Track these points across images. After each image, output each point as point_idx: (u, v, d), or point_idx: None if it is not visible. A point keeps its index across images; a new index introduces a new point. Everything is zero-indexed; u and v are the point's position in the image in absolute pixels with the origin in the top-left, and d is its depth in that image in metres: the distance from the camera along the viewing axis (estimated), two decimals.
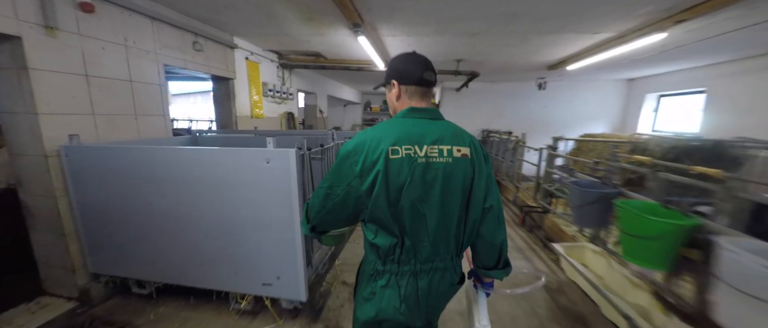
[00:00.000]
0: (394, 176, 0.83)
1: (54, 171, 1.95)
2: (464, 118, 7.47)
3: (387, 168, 0.82)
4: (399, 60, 0.98)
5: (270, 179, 1.63)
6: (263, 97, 4.38)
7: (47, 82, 1.88)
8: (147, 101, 2.56)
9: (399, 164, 0.83)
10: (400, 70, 0.96)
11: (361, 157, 0.84)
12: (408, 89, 0.95)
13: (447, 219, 0.89)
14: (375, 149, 0.84)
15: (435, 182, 0.85)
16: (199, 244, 1.86)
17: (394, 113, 1.01)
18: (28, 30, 1.78)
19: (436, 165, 0.85)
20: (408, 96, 0.96)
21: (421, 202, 0.85)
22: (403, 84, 0.95)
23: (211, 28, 3.23)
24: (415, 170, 0.84)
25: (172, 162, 1.77)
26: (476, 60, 4.64)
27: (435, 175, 0.85)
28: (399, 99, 0.98)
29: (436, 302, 0.97)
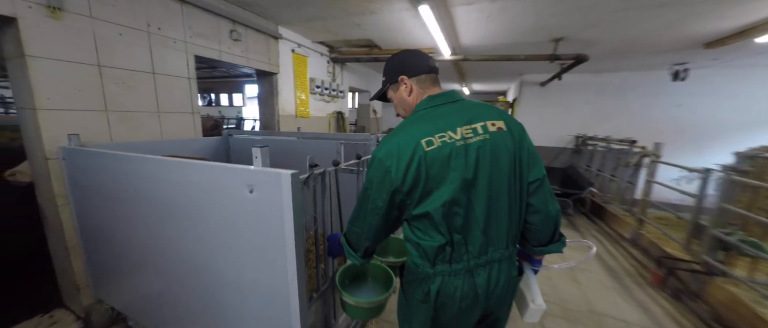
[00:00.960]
0: (435, 168, 0.78)
1: (55, 176, 1.68)
2: (550, 121, 5.92)
3: (426, 161, 0.78)
4: (399, 57, 0.96)
5: (253, 219, 0.96)
6: (310, 95, 3.95)
7: (48, 73, 1.60)
8: (173, 97, 2.25)
9: (437, 154, 0.78)
10: (405, 64, 0.94)
11: (395, 161, 0.79)
12: (419, 79, 0.93)
13: (496, 202, 0.82)
14: (407, 147, 0.79)
15: (478, 163, 0.79)
16: (175, 289, 1.32)
17: (409, 111, 0.95)
18: (26, 10, 1.50)
19: (474, 144, 0.80)
20: (421, 87, 0.93)
21: (469, 188, 0.79)
22: (414, 76, 0.92)
23: (252, 15, 2.85)
24: (456, 155, 0.79)
25: (149, 176, 1.26)
26: (585, 39, 3.33)
27: (476, 155, 0.79)
28: (411, 94, 0.94)
29: (499, 301, 0.90)
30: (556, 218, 0.91)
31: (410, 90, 0.93)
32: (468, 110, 0.85)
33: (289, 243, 0.90)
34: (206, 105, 13.79)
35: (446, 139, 0.79)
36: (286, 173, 0.85)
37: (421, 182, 0.78)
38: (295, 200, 0.86)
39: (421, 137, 0.78)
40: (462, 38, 3.42)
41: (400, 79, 0.93)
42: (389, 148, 0.80)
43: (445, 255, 0.82)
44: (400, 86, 0.94)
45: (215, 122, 7.79)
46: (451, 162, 0.78)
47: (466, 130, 0.80)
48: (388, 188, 0.79)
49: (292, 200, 0.86)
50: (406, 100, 0.94)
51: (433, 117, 0.84)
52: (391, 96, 1.00)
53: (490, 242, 0.83)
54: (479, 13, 2.69)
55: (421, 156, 0.77)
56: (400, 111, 0.99)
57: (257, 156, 0.93)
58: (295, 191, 0.86)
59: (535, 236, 0.93)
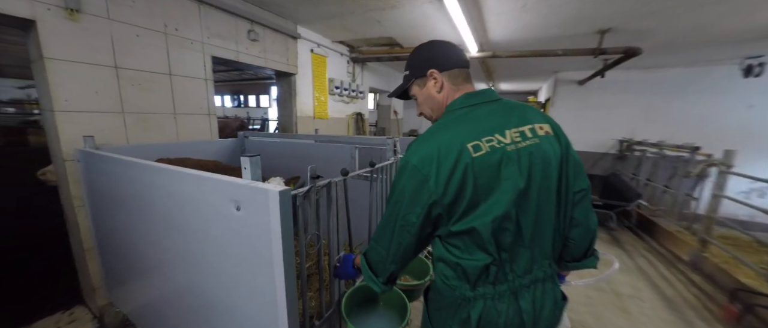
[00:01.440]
0: (483, 176, 0.68)
1: (71, 177, 1.69)
2: (589, 123, 5.37)
3: (473, 169, 0.67)
4: (428, 48, 0.85)
5: (240, 241, 0.82)
6: (329, 96, 3.86)
7: (66, 75, 1.60)
8: (190, 98, 2.23)
9: (487, 161, 0.68)
10: (436, 56, 0.83)
11: (434, 168, 0.67)
12: (452, 75, 0.82)
13: (543, 215, 0.73)
14: (450, 152, 0.67)
15: (531, 171, 0.70)
16: (173, 303, 1.23)
17: (438, 110, 0.85)
18: (45, 12, 1.51)
19: (526, 150, 0.71)
20: (453, 83, 0.82)
21: (520, 200, 0.69)
22: (446, 70, 0.81)
23: (270, 15, 2.80)
24: (507, 162, 0.69)
25: (148, 182, 1.18)
26: (636, 29, 2.90)
27: (529, 162, 0.70)
28: (442, 90, 0.82)
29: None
30: (594, 232, 0.86)
31: (441, 86, 0.82)
32: (513, 111, 0.75)
33: (278, 273, 0.75)
34: (236, 106, 14.44)
35: (495, 143, 0.69)
36: (274, 189, 0.69)
37: (467, 193, 0.67)
38: (284, 222, 0.71)
39: (466, 141, 0.68)
40: (491, 33, 3.14)
41: (430, 74, 0.82)
42: (426, 153, 0.69)
43: (489, 276, 0.72)
44: (429, 82, 0.83)
45: (241, 123, 8.05)
46: (503, 170, 0.68)
47: (515, 134, 0.71)
48: (425, 200, 0.69)
49: (281, 222, 0.70)
50: (435, 97, 0.83)
51: (474, 118, 0.74)
52: (415, 93, 0.88)
53: (535, 259, 0.74)
54: (512, 4, 2.41)
55: (468, 163, 0.67)
56: (426, 110, 0.88)
57: (246, 167, 0.78)
58: (284, 212, 0.70)
59: (570, 251, 0.86)
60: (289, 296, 0.77)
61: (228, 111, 14.51)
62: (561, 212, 0.77)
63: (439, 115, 0.84)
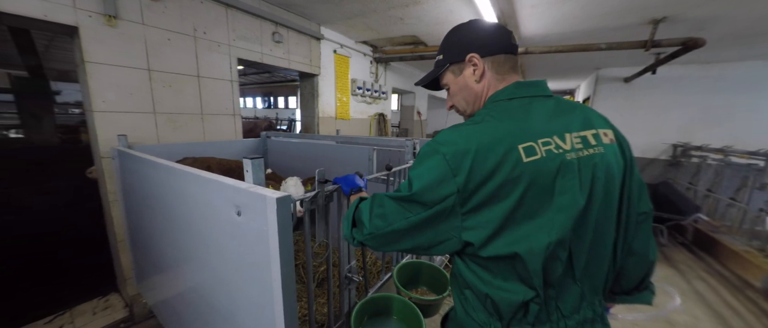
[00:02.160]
0: (536, 188, 0.54)
1: (107, 174, 1.80)
2: (636, 125, 4.84)
3: (524, 177, 0.53)
4: (468, 28, 0.70)
5: (241, 249, 0.77)
6: (351, 96, 3.84)
7: (104, 78, 1.71)
8: (216, 99, 2.30)
9: (542, 169, 0.54)
10: (477, 37, 0.68)
11: (468, 164, 0.54)
12: (496, 61, 0.68)
13: (601, 241, 0.60)
14: (494, 149, 0.54)
15: (592, 187, 0.57)
16: (185, 302, 1.23)
17: (475, 104, 0.71)
18: (86, 19, 1.62)
19: (587, 160, 0.57)
20: (497, 71, 0.68)
21: (579, 222, 0.56)
22: (490, 55, 0.67)
23: (294, 16, 2.83)
24: (566, 172, 0.55)
25: (163, 182, 1.19)
26: (697, 18, 2.52)
27: (590, 175, 0.57)
28: (482, 79, 0.68)
29: None
30: (653, 264, 0.72)
31: (481, 74, 0.68)
32: (573, 111, 0.62)
33: (275, 283, 0.69)
34: (266, 107, 15.13)
35: (553, 148, 0.56)
36: (271, 196, 0.63)
37: (508, 205, 0.54)
38: (281, 230, 0.65)
39: (518, 141, 0.55)
40: (523, 27, 2.91)
41: (469, 59, 0.68)
42: (462, 146, 0.56)
43: (529, 315, 0.58)
44: (467, 68, 0.69)
45: (269, 124, 8.38)
46: (559, 182, 0.55)
47: (576, 139, 0.59)
48: (442, 198, 0.56)
49: (278, 230, 0.64)
50: (473, 88, 0.70)
51: (528, 114, 0.60)
52: (448, 81, 0.75)
53: (585, 295, 0.61)
54: None
55: (517, 167, 0.53)
56: (459, 102, 0.74)
57: (248, 169, 0.74)
58: (281, 220, 0.64)
59: (620, 283, 0.72)
60: (287, 307, 0.71)
61: (258, 112, 15.25)
62: (619, 239, 0.64)
63: (475, 109, 0.71)
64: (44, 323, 1.87)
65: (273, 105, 14.70)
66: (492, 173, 0.54)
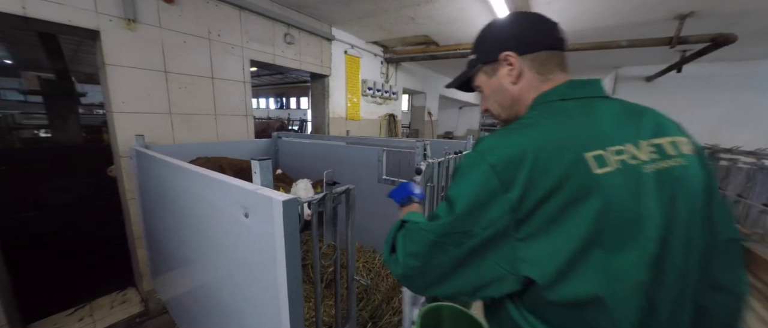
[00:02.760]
0: (614, 209, 0.42)
1: (125, 172, 1.86)
2: None
3: (597, 194, 0.42)
4: (505, 23, 0.61)
5: (249, 252, 0.77)
6: (361, 97, 3.84)
7: (123, 79, 1.77)
8: (229, 100, 2.34)
9: (620, 184, 0.43)
10: (516, 33, 0.59)
11: (523, 174, 0.44)
12: (537, 59, 0.57)
13: (687, 277, 0.45)
14: (555, 156, 0.44)
15: (675, 209, 0.44)
16: (196, 300, 1.25)
17: (510, 109, 0.61)
18: (107, 23, 1.67)
19: (666, 174, 0.45)
20: (539, 71, 0.57)
21: (663, 254, 0.43)
22: (529, 52, 0.57)
23: (306, 17, 2.85)
24: (645, 189, 0.44)
25: (173, 181, 1.22)
26: (727, 12, 2.37)
27: (670, 193, 0.45)
28: (520, 80, 0.58)
29: None
30: (745, 301, 0.52)
31: (518, 75, 0.59)
32: (642, 115, 0.51)
33: (281, 287, 0.68)
34: (278, 108, 15.39)
35: (627, 158, 0.45)
36: (278, 198, 0.62)
37: (583, 230, 0.43)
38: (287, 233, 0.63)
39: (584, 146, 0.45)
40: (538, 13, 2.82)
41: (503, 57, 0.60)
42: (514, 153, 0.46)
43: None
44: (501, 68, 0.61)
45: (281, 124, 8.50)
46: (642, 201, 0.44)
47: (650, 148, 0.47)
48: (494, 219, 0.46)
49: (284, 233, 0.63)
50: (508, 90, 0.61)
51: (590, 116, 0.50)
52: (480, 83, 0.66)
53: None
54: None
55: (587, 180, 0.43)
56: (493, 106, 0.66)
57: (256, 171, 0.73)
58: (288, 222, 0.63)
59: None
60: (293, 309, 0.70)
61: (271, 113, 15.54)
62: (704, 273, 0.48)
63: (512, 114, 0.63)
64: (66, 315, 1.95)
65: (285, 106, 14.94)
66: (557, 187, 0.43)
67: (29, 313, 1.86)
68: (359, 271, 1.85)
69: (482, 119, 9.16)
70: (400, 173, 1.92)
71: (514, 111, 0.62)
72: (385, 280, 1.76)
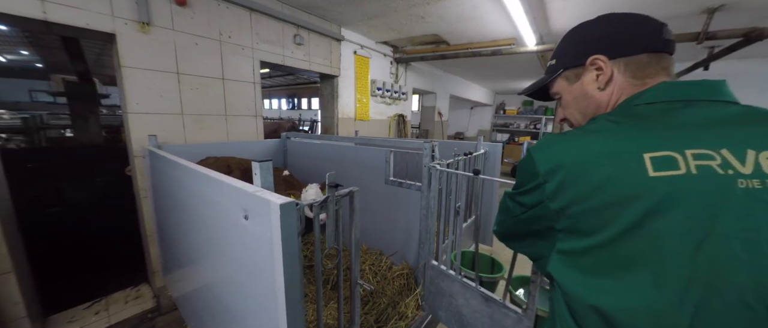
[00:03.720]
0: (663, 216, 0.37)
1: (139, 171, 1.91)
2: None
3: (645, 200, 0.38)
4: (598, 24, 0.56)
5: (248, 254, 0.76)
6: (371, 97, 3.83)
7: (138, 81, 1.81)
8: (239, 101, 2.37)
9: (682, 189, 0.37)
10: (608, 34, 0.54)
11: (558, 177, 0.46)
12: (635, 63, 0.52)
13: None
14: (592, 166, 0.43)
15: (756, 246, 0.34)
16: (201, 300, 1.26)
17: (595, 115, 0.56)
18: (123, 26, 1.72)
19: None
20: (635, 75, 0.52)
21: (758, 290, 0.34)
22: (624, 55, 0.52)
23: (315, 18, 2.86)
24: (730, 206, 0.35)
25: (180, 181, 1.23)
26: (764, 5, 2.21)
27: (759, 222, 0.35)
28: (609, 85, 0.54)
29: None
30: None
31: (608, 79, 0.55)
32: (765, 123, 0.42)
33: (279, 292, 0.66)
34: (290, 109, 15.63)
35: (714, 165, 0.38)
36: (275, 201, 0.60)
37: (608, 235, 0.41)
38: (285, 238, 0.61)
39: (645, 147, 0.41)
40: (554, 21, 2.72)
41: (591, 62, 0.56)
42: (554, 155, 0.48)
43: None
44: (587, 73, 0.57)
45: (293, 125, 8.61)
46: (721, 218, 0.36)
47: (765, 159, 0.38)
48: (535, 207, 0.53)
49: (281, 238, 0.61)
50: (594, 96, 0.57)
51: (671, 118, 0.45)
52: (560, 89, 0.64)
53: None
54: None
55: (634, 183, 0.40)
56: (573, 114, 0.63)
57: (257, 172, 0.72)
58: (286, 227, 0.61)
59: None
60: (291, 314, 0.68)
61: (283, 113, 15.79)
62: None
63: None
64: (83, 308, 2.02)
65: (297, 106, 15.15)
66: (595, 189, 0.42)
67: (49, 306, 1.93)
68: (365, 274, 1.82)
69: (494, 119, 8.98)
70: (408, 174, 1.89)
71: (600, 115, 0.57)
72: (392, 283, 1.72)
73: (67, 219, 2.44)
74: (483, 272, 1.48)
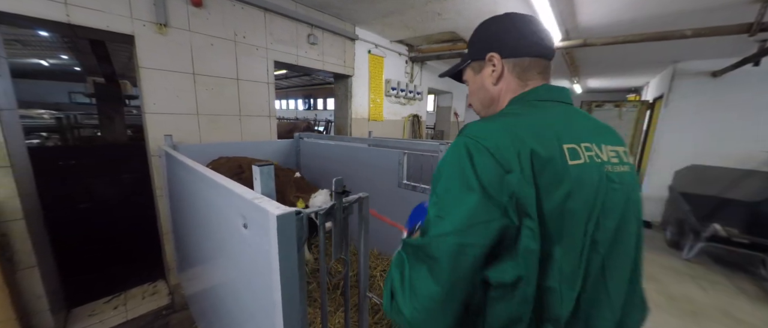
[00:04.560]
0: (579, 199, 0.47)
1: (156, 170, 1.94)
2: (726, 130, 3.98)
3: (568, 183, 0.47)
4: (497, 22, 0.63)
5: (248, 266, 0.70)
6: (385, 97, 3.76)
7: (155, 82, 1.84)
8: (253, 101, 2.38)
9: (583, 177, 0.48)
10: (503, 35, 0.62)
11: (517, 164, 0.45)
12: (520, 64, 0.60)
13: (634, 276, 0.56)
14: (539, 143, 0.47)
15: (624, 213, 0.52)
16: (209, 303, 1.23)
17: (489, 108, 0.66)
18: (141, 28, 1.75)
19: (622, 178, 0.53)
20: (520, 76, 0.61)
21: (613, 249, 0.51)
22: (513, 56, 0.61)
23: (329, 18, 2.82)
24: (605, 187, 0.51)
25: (190, 183, 1.21)
26: None
27: (624, 198, 0.53)
28: (500, 81, 0.62)
29: None
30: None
31: (499, 76, 0.62)
32: (597, 122, 0.58)
33: (277, 312, 0.60)
34: (306, 109, 15.88)
35: (594, 155, 0.51)
36: (273, 212, 0.54)
37: (551, 212, 0.46)
38: (283, 251, 0.55)
39: (561, 139, 0.49)
40: (582, 15, 2.54)
41: (489, 58, 0.62)
42: (503, 141, 0.46)
43: None
44: (486, 67, 0.64)
45: (308, 125, 8.71)
46: (597, 197, 0.49)
47: (611, 153, 0.54)
48: (501, 206, 0.44)
49: (278, 252, 0.55)
50: (488, 90, 0.64)
51: (564, 114, 0.56)
52: (468, 78, 0.71)
53: None
54: None
55: (562, 170, 0.46)
56: (475, 102, 0.70)
57: (257, 178, 0.66)
58: (283, 240, 0.55)
59: None
60: None
61: (299, 113, 16.07)
62: (633, 284, 0.55)
63: (488, 113, 0.67)
64: (103, 302, 2.08)
65: (313, 107, 15.36)
66: (541, 169, 0.46)
67: (73, 298, 2.01)
68: (377, 280, 1.76)
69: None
70: (422, 177, 1.80)
71: (492, 110, 0.66)
72: None
73: (95, 215, 2.54)
74: None
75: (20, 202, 1.48)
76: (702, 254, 3.27)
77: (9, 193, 1.45)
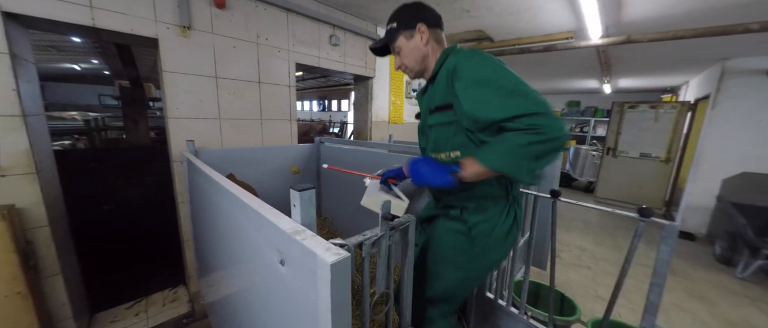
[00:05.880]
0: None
1: (177, 176, 1.90)
2: None
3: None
4: (417, 5, 0.97)
5: (284, 301, 0.59)
6: (406, 99, 3.63)
7: (178, 85, 1.80)
8: (275, 105, 2.31)
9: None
10: (423, 11, 0.96)
11: None
12: (436, 33, 0.96)
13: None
14: None
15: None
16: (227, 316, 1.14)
17: (422, 64, 0.96)
18: (165, 31, 1.71)
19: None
20: (436, 40, 0.96)
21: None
22: (432, 27, 0.95)
23: (351, 18, 2.73)
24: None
25: (212, 195, 1.12)
26: None
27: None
28: (428, 44, 0.95)
29: None
30: None
31: (427, 40, 0.93)
32: None
33: None
34: (321, 110, 15.97)
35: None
36: (324, 257, 0.43)
37: None
38: (336, 307, 0.43)
39: None
40: (627, 8, 2.31)
41: (419, 27, 0.93)
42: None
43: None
44: (417, 34, 0.93)
45: (323, 126, 8.71)
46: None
47: None
48: None
49: (331, 307, 0.43)
50: (422, 50, 0.94)
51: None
52: (400, 44, 0.95)
53: None
54: None
55: None
56: (409, 63, 0.96)
57: (296, 204, 0.55)
58: (337, 293, 0.43)
59: None
60: None
61: (314, 115, 16.18)
62: None
63: (423, 68, 0.97)
64: (125, 308, 2.06)
65: (327, 108, 15.42)
66: None
67: (95, 303, 2.00)
68: None
69: None
70: None
71: (424, 65, 0.96)
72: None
73: (118, 216, 2.55)
74: (546, 308, 1.21)
75: (45, 209, 1.46)
76: (758, 272, 2.94)
77: (34, 200, 1.43)
